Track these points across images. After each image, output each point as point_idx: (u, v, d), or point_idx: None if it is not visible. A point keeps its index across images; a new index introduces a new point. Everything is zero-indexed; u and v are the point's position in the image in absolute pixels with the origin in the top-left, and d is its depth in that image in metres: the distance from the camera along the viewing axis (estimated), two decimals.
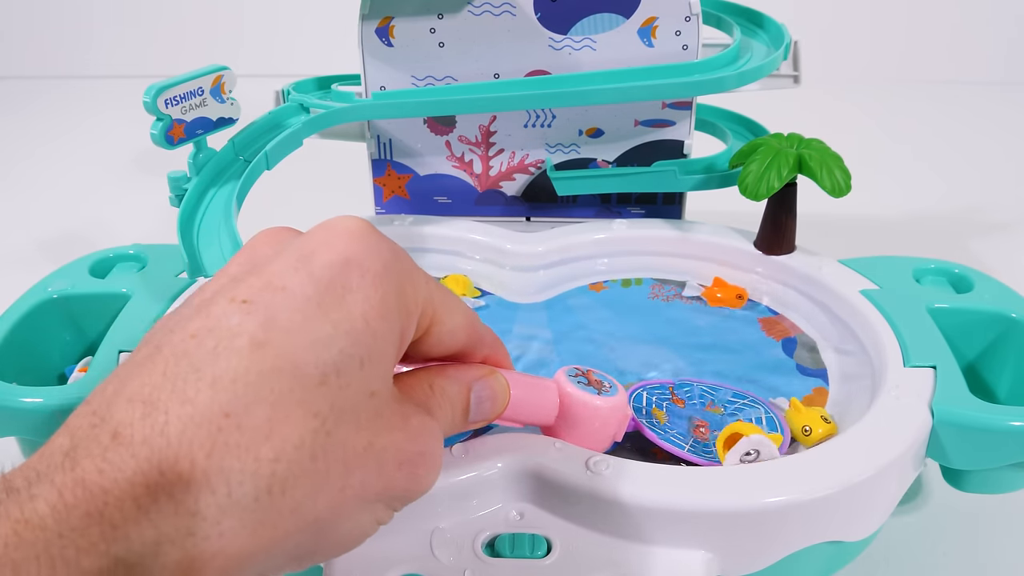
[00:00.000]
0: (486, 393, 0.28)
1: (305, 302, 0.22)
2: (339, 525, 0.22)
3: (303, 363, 0.21)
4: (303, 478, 0.20)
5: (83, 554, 0.17)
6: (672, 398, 0.37)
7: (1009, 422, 0.32)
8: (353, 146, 0.53)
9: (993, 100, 1.04)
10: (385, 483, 0.23)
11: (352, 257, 0.23)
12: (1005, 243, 0.68)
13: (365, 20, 0.47)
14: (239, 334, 0.21)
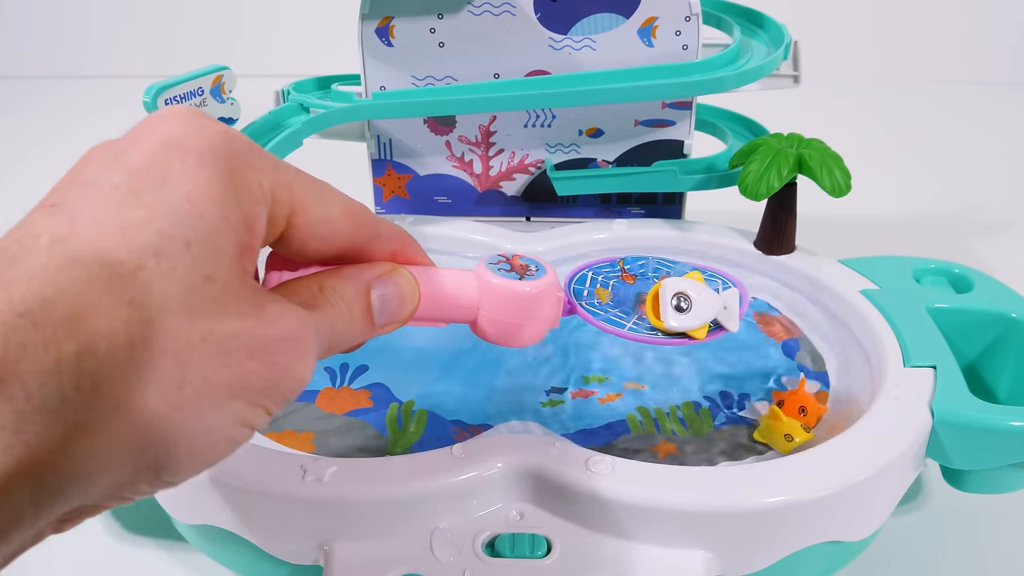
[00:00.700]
0: (390, 290, 0.25)
1: (114, 191, 0.20)
2: (187, 427, 0.20)
3: (111, 249, 0.19)
4: (120, 372, 0.19)
5: None
6: (622, 275, 0.34)
7: (1009, 422, 0.32)
8: (353, 146, 0.53)
9: (993, 100, 1.04)
10: (236, 375, 0.21)
11: (172, 139, 0.21)
12: (1005, 243, 0.68)
13: (365, 20, 0.47)
14: (38, 236, 0.19)
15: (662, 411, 0.37)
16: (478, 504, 0.31)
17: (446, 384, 0.39)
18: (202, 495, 0.32)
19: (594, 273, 0.34)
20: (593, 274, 0.34)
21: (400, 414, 0.37)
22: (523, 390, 0.39)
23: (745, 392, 0.38)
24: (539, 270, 0.28)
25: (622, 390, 0.39)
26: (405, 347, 0.42)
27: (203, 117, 0.22)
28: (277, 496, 0.30)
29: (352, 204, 0.25)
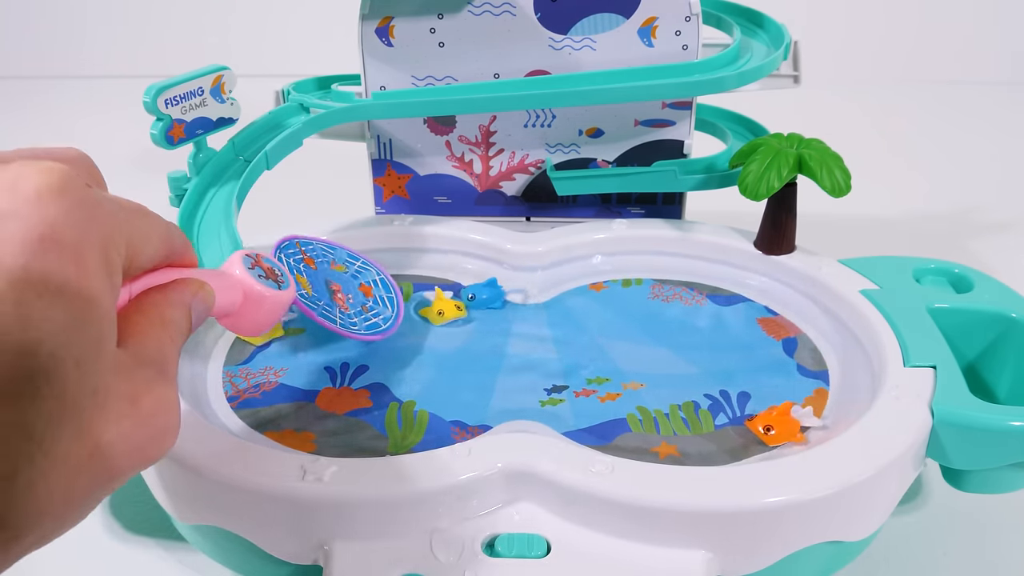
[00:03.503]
0: (202, 306, 0.27)
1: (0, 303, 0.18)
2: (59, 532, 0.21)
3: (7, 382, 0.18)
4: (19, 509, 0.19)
5: None
6: (304, 257, 0.38)
7: (1009, 422, 0.32)
8: (353, 146, 0.53)
9: (993, 101, 1.04)
10: (112, 475, 0.21)
11: (46, 232, 0.19)
12: (1005, 243, 0.68)
13: (365, 20, 0.47)
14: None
15: (662, 411, 0.37)
16: (478, 504, 0.31)
17: (446, 384, 0.39)
18: (202, 495, 0.32)
19: (283, 253, 0.38)
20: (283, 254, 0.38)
21: (400, 414, 0.37)
22: (523, 390, 0.39)
23: (745, 392, 0.38)
24: (284, 279, 0.33)
25: (621, 390, 0.39)
26: (405, 347, 0.42)
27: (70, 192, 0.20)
28: (277, 496, 0.30)
29: (161, 228, 0.25)
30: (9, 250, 0.19)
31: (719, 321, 0.44)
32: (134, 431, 0.21)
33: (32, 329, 0.19)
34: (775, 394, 0.38)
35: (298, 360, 0.41)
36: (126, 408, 0.21)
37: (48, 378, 0.19)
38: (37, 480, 0.19)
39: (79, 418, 0.20)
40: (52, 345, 0.19)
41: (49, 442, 0.19)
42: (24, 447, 0.18)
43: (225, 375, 0.40)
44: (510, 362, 0.41)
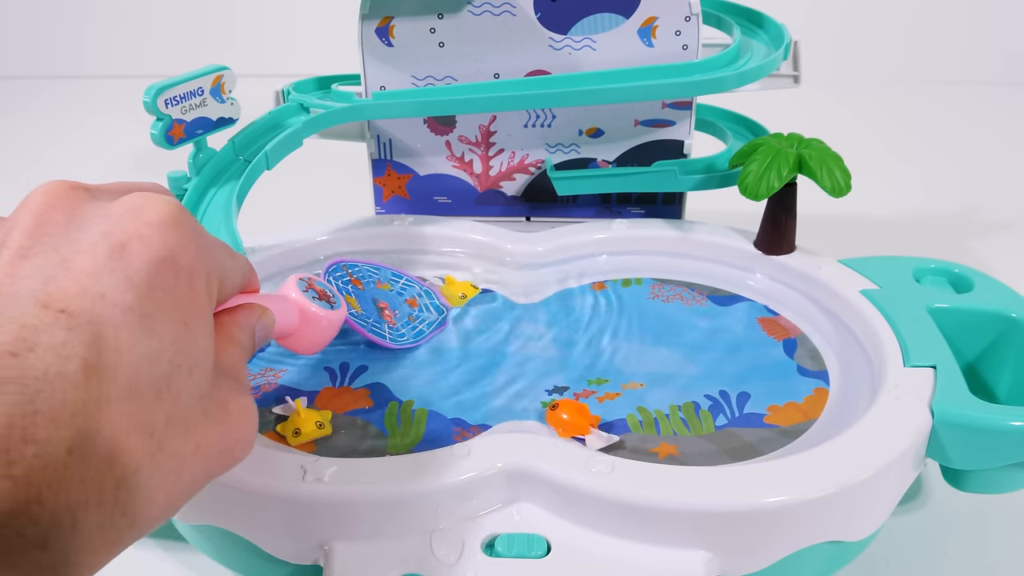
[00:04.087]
0: (263, 331, 0.30)
1: (127, 314, 0.21)
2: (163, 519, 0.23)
3: (137, 384, 0.21)
4: (140, 498, 0.21)
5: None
6: (351, 279, 0.40)
7: (1009, 422, 0.32)
8: (353, 146, 0.53)
9: (993, 100, 1.04)
10: (204, 475, 0.24)
11: (167, 255, 0.22)
12: (1005, 243, 0.68)
13: (365, 20, 0.47)
14: (68, 357, 0.19)
15: (662, 411, 0.37)
16: (478, 504, 0.31)
17: (446, 384, 0.39)
18: (202, 495, 0.32)
19: (332, 277, 0.40)
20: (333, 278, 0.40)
21: (400, 414, 0.37)
22: (523, 390, 0.39)
23: (745, 392, 0.38)
24: (336, 300, 0.35)
25: (621, 390, 0.39)
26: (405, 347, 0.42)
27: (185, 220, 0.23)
28: (277, 496, 0.30)
29: (241, 264, 0.28)
30: (136, 268, 0.21)
31: (719, 321, 0.44)
32: (225, 435, 0.24)
33: (155, 338, 0.21)
34: (775, 394, 0.38)
35: (298, 360, 0.41)
36: (220, 414, 0.24)
37: (168, 383, 0.21)
38: (155, 473, 0.21)
39: (188, 420, 0.22)
40: (171, 353, 0.22)
41: (165, 440, 0.21)
42: (147, 444, 0.21)
43: None
44: (510, 362, 0.41)
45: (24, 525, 0.18)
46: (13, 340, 0.19)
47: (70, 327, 0.20)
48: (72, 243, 0.22)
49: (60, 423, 0.19)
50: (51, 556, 0.19)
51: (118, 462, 0.20)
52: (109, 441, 0.20)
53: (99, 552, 0.20)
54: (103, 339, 0.20)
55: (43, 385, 0.19)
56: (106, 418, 0.20)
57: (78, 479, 0.19)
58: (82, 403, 0.19)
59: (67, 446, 0.19)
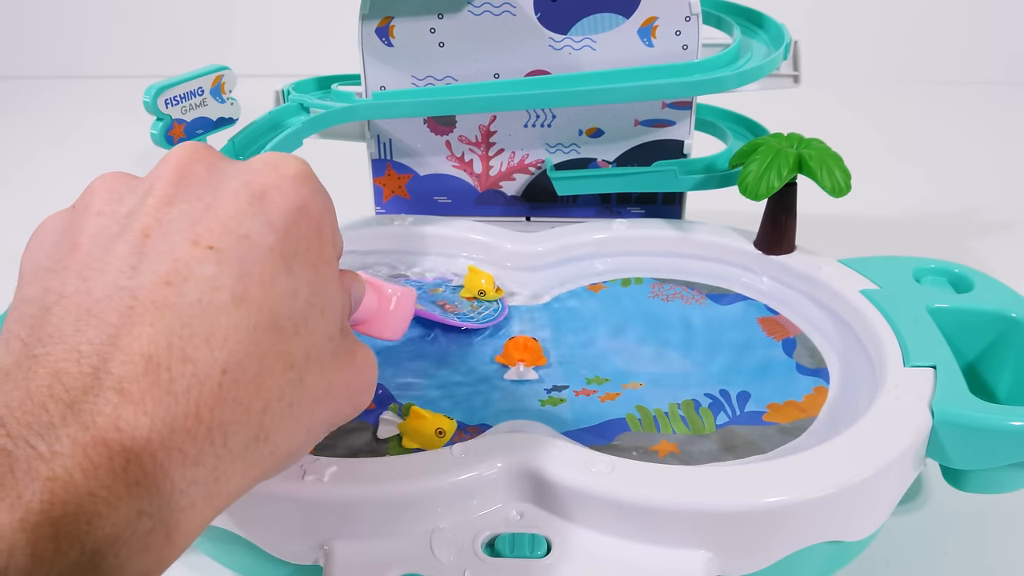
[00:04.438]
0: (356, 295, 0.30)
1: (269, 253, 0.22)
2: (298, 454, 0.24)
3: (279, 317, 0.22)
4: (282, 425, 0.22)
5: (112, 508, 0.18)
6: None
7: (1009, 422, 0.32)
8: (353, 146, 0.53)
9: (993, 100, 1.04)
10: (337, 415, 0.25)
11: (301, 205, 0.24)
12: (1005, 243, 0.68)
13: (365, 20, 0.47)
14: (218, 288, 0.21)
15: (662, 411, 0.37)
16: (478, 504, 0.31)
17: (446, 384, 0.39)
18: None
19: None
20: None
21: (400, 414, 0.37)
22: (523, 390, 0.39)
23: (745, 391, 0.38)
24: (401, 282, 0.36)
25: (621, 390, 0.39)
26: (405, 347, 0.42)
27: (314, 178, 0.25)
28: (277, 496, 0.30)
29: None
30: (276, 214, 0.23)
31: (719, 321, 0.44)
32: (353, 378, 0.26)
33: (293, 278, 0.23)
34: (775, 392, 0.38)
35: None
36: (347, 358, 0.25)
37: (305, 320, 0.23)
38: (294, 403, 0.23)
39: (322, 358, 0.24)
40: (307, 293, 0.23)
41: (304, 372, 0.23)
42: (288, 374, 0.22)
43: None
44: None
45: (183, 440, 0.20)
46: (167, 271, 0.21)
47: (219, 261, 0.21)
48: (214, 191, 0.23)
49: (214, 345, 0.20)
50: (204, 472, 0.20)
51: (265, 387, 0.21)
52: (257, 366, 0.21)
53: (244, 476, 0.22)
54: (249, 274, 0.22)
55: (197, 311, 0.21)
56: (254, 344, 0.21)
57: (231, 399, 0.21)
58: (233, 328, 0.21)
59: (221, 366, 0.20)
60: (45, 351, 0.20)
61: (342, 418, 0.26)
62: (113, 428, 0.19)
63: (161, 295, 0.20)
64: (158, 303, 0.20)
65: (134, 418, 0.19)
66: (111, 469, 0.18)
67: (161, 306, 0.20)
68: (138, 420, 0.19)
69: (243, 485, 0.22)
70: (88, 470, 0.18)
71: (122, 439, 0.19)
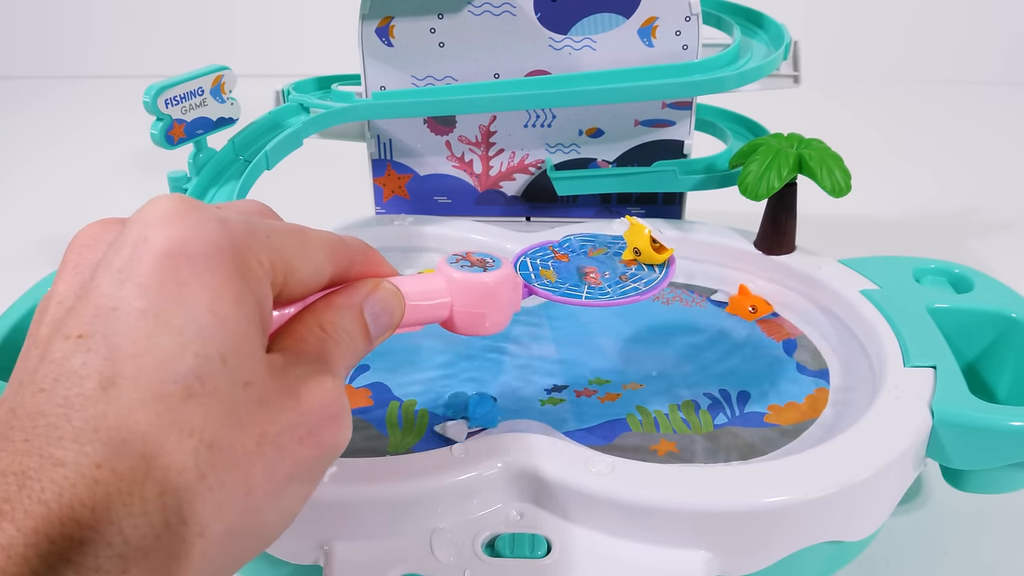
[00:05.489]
0: (380, 308, 0.27)
1: (140, 317, 0.20)
2: (261, 522, 0.22)
3: (159, 384, 0.20)
4: (198, 501, 0.20)
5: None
6: (555, 256, 0.37)
7: (1009, 422, 0.32)
8: (353, 146, 0.53)
9: (993, 100, 1.04)
10: (292, 464, 0.22)
11: (173, 248, 0.21)
12: (1005, 243, 0.68)
13: (365, 20, 0.47)
14: (85, 376, 0.20)
15: (662, 411, 0.37)
16: (478, 504, 0.31)
17: (446, 383, 0.39)
18: None
19: (531, 259, 0.37)
20: (531, 259, 0.36)
21: (400, 413, 0.37)
22: (523, 390, 0.39)
23: (745, 392, 0.38)
24: (496, 262, 0.31)
25: (621, 390, 0.39)
26: (405, 347, 0.42)
27: (193, 211, 0.22)
28: None
29: (327, 240, 0.26)
30: (143, 270, 0.21)
31: (719, 322, 0.44)
32: (300, 420, 0.22)
33: (174, 333, 0.20)
34: (775, 394, 0.38)
35: None
36: (286, 400, 0.22)
37: (199, 377, 0.20)
38: (207, 471, 0.20)
39: (237, 410, 0.21)
40: (197, 345, 0.20)
41: (211, 434, 0.20)
42: (187, 443, 0.20)
43: None
44: (510, 362, 0.41)
45: (69, 550, 0.18)
46: (42, 377, 0.20)
47: (88, 348, 0.20)
48: (92, 271, 0.22)
49: (83, 441, 0.19)
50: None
51: (156, 466, 0.19)
52: (139, 447, 0.19)
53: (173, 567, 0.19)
54: (118, 350, 0.20)
55: (64, 410, 0.19)
56: (132, 424, 0.19)
57: (114, 493, 0.19)
58: (103, 416, 0.19)
59: (95, 461, 0.19)
60: None
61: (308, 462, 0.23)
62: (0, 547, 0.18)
63: (34, 405, 0.19)
64: (32, 414, 0.19)
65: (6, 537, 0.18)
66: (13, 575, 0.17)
67: (33, 416, 0.19)
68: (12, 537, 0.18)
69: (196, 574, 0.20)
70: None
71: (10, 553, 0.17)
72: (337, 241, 0.26)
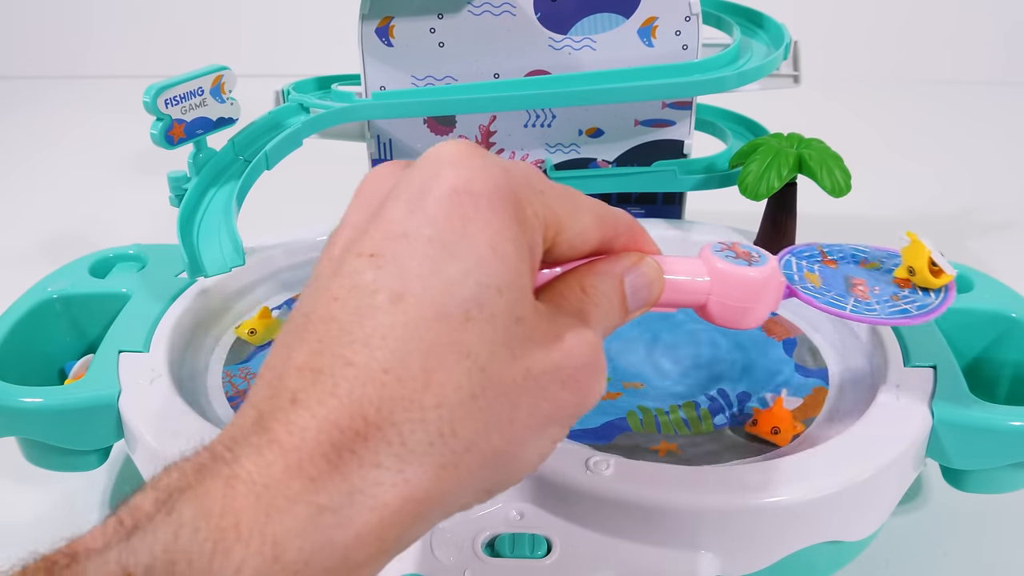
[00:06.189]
0: (640, 281, 0.27)
1: (427, 244, 0.22)
2: (519, 455, 0.23)
3: (443, 306, 0.21)
4: (468, 418, 0.21)
5: (290, 503, 0.19)
6: (823, 260, 0.35)
7: (1009, 422, 0.32)
8: (353, 146, 0.53)
9: (993, 100, 1.04)
10: (553, 406, 0.23)
11: (460, 186, 0.23)
12: (1005, 243, 0.68)
13: (365, 20, 0.47)
14: (376, 291, 0.21)
15: (662, 410, 0.37)
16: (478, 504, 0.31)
17: None
18: None
19: (797, 258, 0.35)
20: (796, 259, 0.35)
21: None
22: None
23: (745, 392, 0.38)
24: (761, 257, 0.30)
25: (622, 389, 0.39)
26: None
27: (480, 155, 0.24)
28: None
29: (597, 208, 0.27)
30: (432, 202, 0.22)
31: None
32: (563, 363, 0.23)
33: (459, 262, 0.22)
34: (775, 394, 0.38)
35: None
36: (551, 343, 0.23)
37: (479, 304, 0.22)
38: (478, 393, 0.21)
39: (509, 341, 0.22)
40: (478, 275, 0.22)
41: (484, 359, 0.22)
42: (463, 363, 0.21)
43: (225, 375, 0.40)
44: None
45: (353, 441, 0.20)
46: (336, 288, 0.22)
47: (378, 266, 0.22)
48: (382, 202, 0.23)
49: (373, 346, 0.21)
50: (388, 474, 0.20)
51: (434, 380, 0.21)
52: (421, 360, 0.21)
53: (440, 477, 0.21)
54: (406, 270, 0.21)
55: (355, 317, 0.21)
56: (416, 338, 0.21)
57: (397, 397, 0.20)
58: (391, 326, 0.21)
59: (382, 366, 0.20)
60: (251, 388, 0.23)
61: (567, 406, 0.23)
62: (285, 432, 0.20)
63: (327, 311, 0.22)
64: (324, 318, 0.22)
65: (303, 420, 0.20)
66: (285, 466, 0.20)
67: (327, 320, 0.21)
68: (306, 423, 0.20)
69: (443, 487, 0.21)
70: (262, 467, 0.20)
71: (292, 439, 0.20)
72: (606, 211, 0.27)
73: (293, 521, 0.19)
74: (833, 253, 0.35)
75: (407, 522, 0.21)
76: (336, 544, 0.20)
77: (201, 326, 0.43)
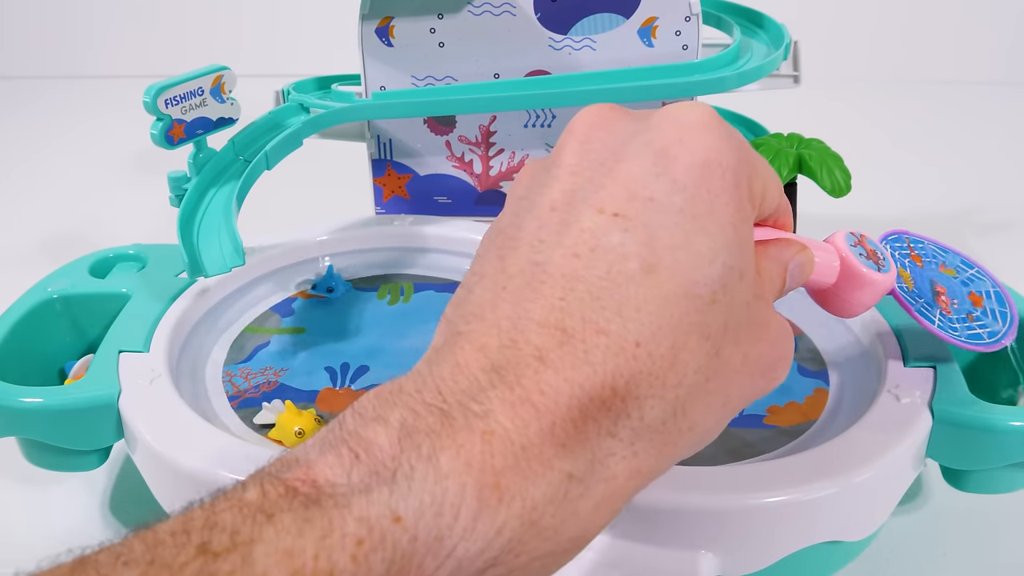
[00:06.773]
0: (797, 270, 0.27)
1: (679, 214, 0.21)
2: (714, 432, 0.23)
3: (692, 284, 0.21)
4: (698, 400, 0.21)
5: (545, 467, 0.19)
6: (911, 254, 0.35)
7: (1009, 422, 0.32)
8: (353, 146, 0.53)
9: (993, 100, 1.04)
10: (752, 390, 0.23)
11: (711, 157, 0.22)
12: (1006, 243, 0.68)
13: (365, 20, 0.47)
14: (627, 256, 0.21)
15: None
16: None
17: None
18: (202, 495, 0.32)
19: (891, 246, 0.35)
20: (891, 248, 0.35)
21: None
22: None
23: None
24: (885, 261, 0.31)
25: None
26: (405, 348, 0.42)
27: (723, 124, 0.23)
28: None
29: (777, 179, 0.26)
30: (681, 170, 0.21)
31: None
32: (768, 350, 0.23)
33: (708, 239, 0.21)
34: (775, 394, 0.38)
35: (298, 360, 0.41)
36: (760, 329, 0.23)
37: (724, 286, 0.21)
38: (711, 376, 0.21)
39: (739, 326, 0.22)
40: (724, 256, 0.21)
41: (719, 344, 0.21)
42: (704, 346, 0.21)
43: (225, 375, 0.40)
44: None
45: (598, 411, 0.20)
46: (573, 243, 0.21)
47: (625, 228, 0.21)
48: (616, 154, 0.22)
49: (626, 317, 0.20)
50: (621, 446, 0.20)
51: (679, 360, 0.20)
52: (670, 338, 0.20)
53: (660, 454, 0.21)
54: (657, 239, 0.21)
55: (607, 283, 0.20)
56: (667, 315, 0.20)
57: (645, 371, 0.20)
58: (644, 299, 0.20)
59: (634, 339, 0.20)
60: (469, 328, 0.21)
61: (758, 393, 0.24)
62: (537, 391, 0.19)
63: (570, 267, 0.21)
64: (567, 276, 0.21)
65: (555, 383, 0.19)
66: (539, 428, 0.19)
67: (571, 278, 0.20)
68: (559, 385, 0.19)
69: (660, 464, 0.21)
70: (519, 427, 0.19)
71: (546, 401, 0.19)
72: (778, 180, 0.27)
73: (548, 487, 0.19)
74: (919, 248, 0.35)
75: (628, 496, 0.21)
76: (580, 514, 0.20)
77: (201, 326, 0.43)
